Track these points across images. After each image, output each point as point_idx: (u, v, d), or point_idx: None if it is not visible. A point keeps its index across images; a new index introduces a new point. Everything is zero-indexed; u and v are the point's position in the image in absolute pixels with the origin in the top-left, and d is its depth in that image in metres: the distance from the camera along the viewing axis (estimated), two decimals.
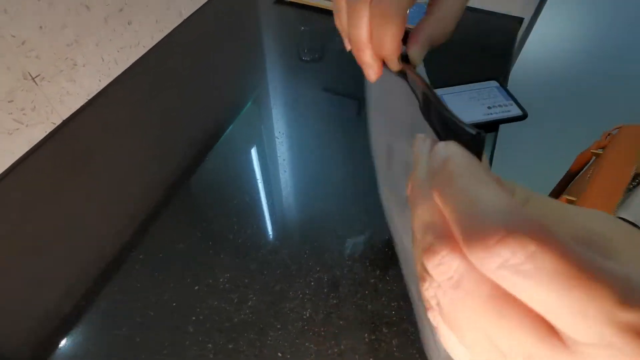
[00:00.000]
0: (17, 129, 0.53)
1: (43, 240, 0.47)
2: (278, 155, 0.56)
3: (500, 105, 0.59)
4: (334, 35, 0.78)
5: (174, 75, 0.68)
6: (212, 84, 0.68)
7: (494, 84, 0.62)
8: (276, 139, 0.58)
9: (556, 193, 0.69)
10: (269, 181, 0.53)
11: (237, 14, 0.81)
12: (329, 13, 0.79)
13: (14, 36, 0.49)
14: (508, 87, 0.62)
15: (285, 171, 0.54)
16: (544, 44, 0.83)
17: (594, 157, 0.66)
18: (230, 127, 0.60)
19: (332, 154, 0.57)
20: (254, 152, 0.57)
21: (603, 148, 0.65)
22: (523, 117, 0.58)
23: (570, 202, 0.56)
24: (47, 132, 0.57)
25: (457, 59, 0.68)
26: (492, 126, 0.58)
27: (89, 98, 0.62)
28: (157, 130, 0.60)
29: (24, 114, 0.53)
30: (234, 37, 0.76)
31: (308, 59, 0.75)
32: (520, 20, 0.77)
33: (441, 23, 0.23)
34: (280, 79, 0.70)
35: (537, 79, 0.91)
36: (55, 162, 0.56)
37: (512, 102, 0.59)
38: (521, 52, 0.82)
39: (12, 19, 0.48)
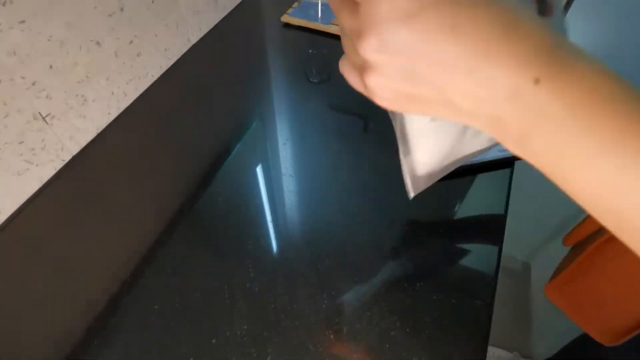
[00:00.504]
0: (27, 169, 0.53)
1: (55, 280, 0.47)
2: (286, 187, 0.56)
3: None
4: (341, 54, 0.77)
5: (182, 101, 0.68)
6: (220, 106, 0.67)
7: None
8: (282, 156, 0.58)
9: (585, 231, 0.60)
10: (282, 218, 0.53)
11: (244, 38, 0.80)
12: (336, 37, 0.78)
13: (23, 78, 0.48)
14: None
15: (296, 205, 0.54)
16: None
17: None
18: (238, 146, 0.59)
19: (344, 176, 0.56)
20: (262, 185, 0.57)
21: None
22: None
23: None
24: (57, 170, 0.57)
25: None
26: (507, 162, 0.57)
27: (99, 132, 0.61)
28: (166, 156, 0.60)
29: (34, 154, 0.53)
30: (241, 61, 0.75)
31: (316, 80, 0.75)
32: None
33: None
34: (288, 99, 0.70)
35: None
36: (65, 199, 0.55)
37: None
38: None
39: (22, 61, 0.47)
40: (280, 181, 0.57)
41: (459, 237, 0.52)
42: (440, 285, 0.46)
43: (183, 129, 0.64)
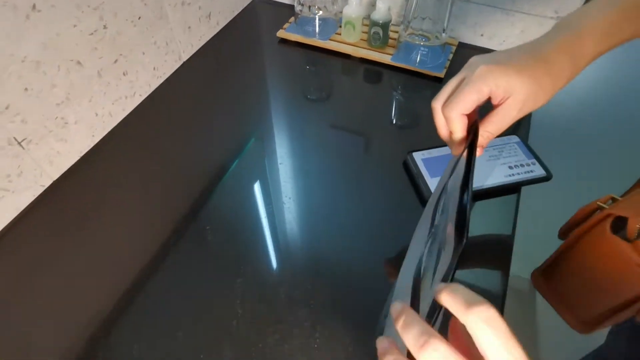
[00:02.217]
0: (2, 197, 0.50)
1: (36, 313, 0.43)
2: (287, 216, 0.52)
3: (522, 165, 0.54)
4: (341, 75, 0.74)
5: (173, 120, 0.65)
6: (214, 125, 0.65)
7: (514, 139, 0.58)
8: (282, 179, 0.54)
9: None
10: (278, 254, 0.49)
11: (239, 54, 0.77)
12: (333, 54, 0.75)
13: None
14: (530, 142, 0.58)
15: (297, 241, 0.50)
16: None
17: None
18: (234, 165, 0.56)
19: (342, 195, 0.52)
20: (259, 207, 0.53)
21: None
22: (547, 178, 0.53)
23: None
24: (36, 196, 0.54)
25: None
26: (513, 188, 0.53)
27: (82, 155, 0.58)
28: (156, 178, 0.57)
29: (9, 181, 0.50)
30: (236, 77, 0.72)
31: (314, 97, 0.72)
32: None
33: (496, 125, 0.36)
34: (286, 117, 0.66)
35: (558, 131, 0.86)
36: (45, 228, 0.52)
37: (534, 160, 0.55)
38: None
39: None
40: (280, 202, 0.54)
41: (466, 259, 0.48)
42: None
43: (174, 149, 0.61)
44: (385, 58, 0.72)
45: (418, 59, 0.70)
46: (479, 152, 0.36)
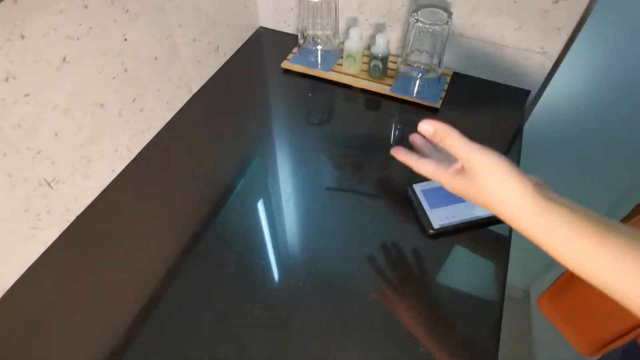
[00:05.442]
0: (33, 235, 0.53)
1: (65, 339, 0.47)
2: (288, 235, 0.56)
3: None
4: (342, 103, 0.79)
5: (184, 150, 0.69)
6: (223, 150, 0.69)
7: None
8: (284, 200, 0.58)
9: None
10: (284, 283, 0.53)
11: (245, 83, 0.81)
12: (335, 84, 0.79)
13: (29, 148, 0.49)
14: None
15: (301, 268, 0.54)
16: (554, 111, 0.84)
17: None
18: (241, 182, 0.59)
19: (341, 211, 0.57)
20: (267, 239, 0.57)
21: None
22: None
23: None
24: (62, 231, 0.57)
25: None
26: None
27: (102, 189, 0.62)
28: (170, 206, 0.61)
29: (39, 219, 0.53)
30: (243, 105, 0.76)
31: (316, 122, 0.76)
32: (527, 92, 0.78)
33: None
34: (288, 139, 0.71)
35: (548, 156, 0.92)
36: (71, 259, 0.55)
37: None
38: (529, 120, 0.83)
39: (27, 133, 0.48)
40: (283, 232, 0.57)
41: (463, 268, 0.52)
42: (445, 316, 0.46)
43: (186, 175, 0.65)
44: (385, 89, 0.76)
45: (415, 90, 0.75)
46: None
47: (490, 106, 0.76)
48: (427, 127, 0.41)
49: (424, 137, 0.44)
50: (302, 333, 0.48)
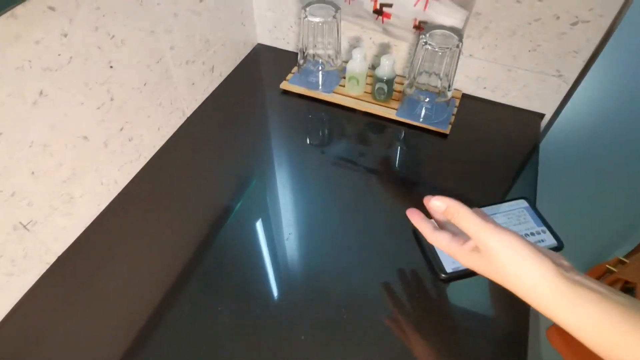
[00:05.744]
0: (7, 282, 0.48)
1: None
2: (287, 251, 0.51)
3: (532, 234, 0.54)
4: (344, 127, 0.74)
5: (177, 177, 0.64)
6: (217, 176, 0.65)
7: (523, 203, 0.58)
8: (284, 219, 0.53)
9: None
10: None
11: (242, 105, 0.77)
12: (336, 106, 0.75)
13: (1, 191, 0.44)
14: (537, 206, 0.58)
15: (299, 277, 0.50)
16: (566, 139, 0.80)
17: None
18: (240, 203, 0.55)
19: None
20: (266, 254, 0.52)
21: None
22: (558, 248, 0.53)
23: None
24: (41, 274, 0.52)
25: (480, 168, 0.64)
26: None
27: (87, 225, 0.57)
28: (162, 238, 0.57)
29: (14, 265, 0.48)
30: (239, 128, 0.72)
31: (315, 142, 0.72)
32: (541, 115, 0.73)
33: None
34: (287, 161, 0.68)
35: (565, 175, 0.87)
36: (50, 305, 0.50)
37: (544, 228, 0.55)
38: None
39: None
40: (284, 255, 0.53)
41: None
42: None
43: (177, 206, 0.60)
44: (390, 112, 0.72)
45: (423, 114, 0.71)
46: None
47: (502, 130, 0.72)
48: (439, 204, 0.40)
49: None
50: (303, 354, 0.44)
